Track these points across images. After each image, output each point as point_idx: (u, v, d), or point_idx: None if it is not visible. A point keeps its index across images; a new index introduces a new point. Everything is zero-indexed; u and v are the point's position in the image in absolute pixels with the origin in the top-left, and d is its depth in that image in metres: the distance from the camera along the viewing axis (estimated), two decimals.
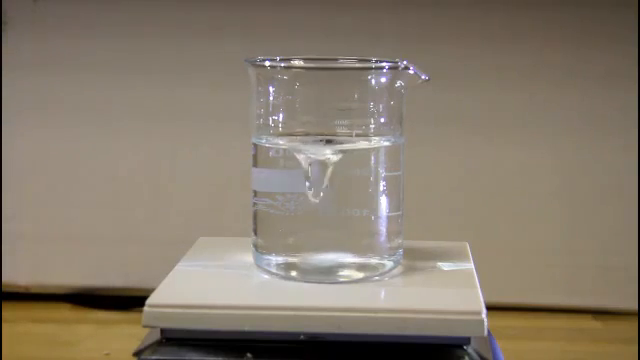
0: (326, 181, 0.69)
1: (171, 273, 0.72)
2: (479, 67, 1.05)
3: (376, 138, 0.71)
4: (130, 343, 0.69)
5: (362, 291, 0.68)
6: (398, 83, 0.71)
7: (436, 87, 0.76)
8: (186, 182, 1.08)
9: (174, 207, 1.08)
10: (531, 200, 1.07)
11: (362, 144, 0.70)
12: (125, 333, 0.96)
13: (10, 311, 1.04)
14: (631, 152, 1.05)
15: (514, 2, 1.05)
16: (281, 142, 0.70)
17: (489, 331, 0.67)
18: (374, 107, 0.70)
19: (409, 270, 0.73)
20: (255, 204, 0.72)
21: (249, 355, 0.65)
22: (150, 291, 0.67)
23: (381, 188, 0.70)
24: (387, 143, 0.71)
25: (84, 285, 1.09)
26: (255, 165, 0.72)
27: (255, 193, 0.72)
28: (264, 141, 0.71)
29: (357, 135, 0.70)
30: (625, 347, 0.96)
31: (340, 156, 0.69)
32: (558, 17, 1.05)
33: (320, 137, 0.70)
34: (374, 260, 0.71)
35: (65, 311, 1.06)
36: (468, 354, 0.64)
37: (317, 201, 0.69)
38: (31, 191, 1.09)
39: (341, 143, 0.70)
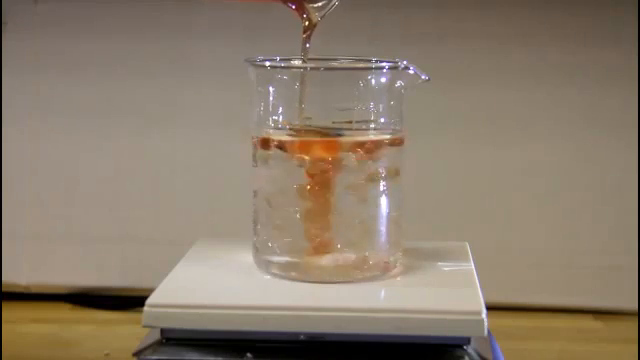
0: None
1: (171, 273, 0.72)
2: (479, 67, 1.05)
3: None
4: (130, 343, 0.69)
5: (362, 291, 0.68)
6: (398, 83, 0.71)
7: (436, 87, 0.76)
8: (186, 182, 1.08)
9: (174, 207, 1.08)
10: (531, 200, 1.06)
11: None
12: (125, 333, 0.96)
13: (10, 311, 1.04)
14: (631, 151, 1.05)
15: (514, 2, 1.04)
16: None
17: (489, 331, 0.67)
18: (374, 107, 0.70)
19: (409, 270, 0.73)
20: (255, 204, 0.72)
21: (249, 355, 0.65)
22: (150, 291, 0.67)
23: (381, 188, 0.70)
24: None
25: (84, 285, 1.09)
26: (255, 165, 0.72)
27: (255, 193, 0.72)
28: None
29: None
30: (625, 347, 0.96)
31: None
32: (558, 17, 1.05)
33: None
34: (374, 260, 0.71)
35: (65, 311, 1.06)
36: (468, 354, 0.64)
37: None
38: (31, 191, 1.09)
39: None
